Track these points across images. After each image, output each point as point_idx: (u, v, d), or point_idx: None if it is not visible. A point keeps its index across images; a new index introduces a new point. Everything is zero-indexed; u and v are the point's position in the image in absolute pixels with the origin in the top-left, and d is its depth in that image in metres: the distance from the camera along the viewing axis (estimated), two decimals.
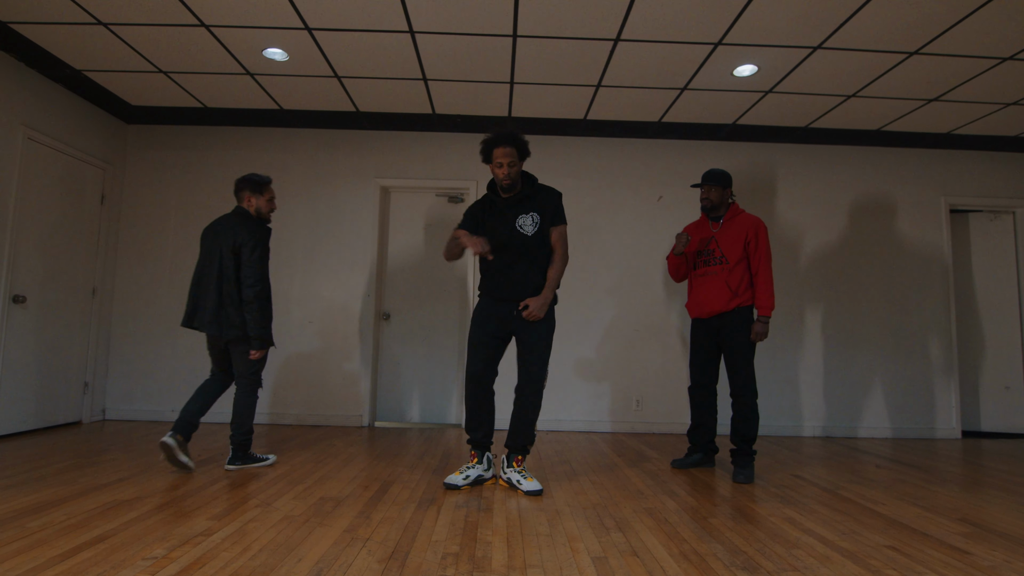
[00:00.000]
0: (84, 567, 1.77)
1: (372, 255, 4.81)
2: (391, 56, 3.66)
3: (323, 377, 4.74)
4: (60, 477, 2.84)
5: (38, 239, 4.00)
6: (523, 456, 2.90)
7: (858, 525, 2.40)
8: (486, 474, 2.94)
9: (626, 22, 3.21)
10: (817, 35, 3.29)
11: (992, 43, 3.31)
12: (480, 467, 2.91)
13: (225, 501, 2.51)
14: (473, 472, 2.88)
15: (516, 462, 2.87)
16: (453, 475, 2.87)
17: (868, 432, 4.75)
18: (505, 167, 2.83)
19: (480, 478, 2.90)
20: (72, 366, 4.36)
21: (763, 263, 3.17)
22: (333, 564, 1.85)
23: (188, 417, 2.97)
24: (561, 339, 4.74)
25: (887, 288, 4.88)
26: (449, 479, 2.84)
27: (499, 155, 2.83)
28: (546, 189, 2.98)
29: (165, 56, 3.72)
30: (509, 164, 2.83)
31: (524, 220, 2.89)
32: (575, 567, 1.87)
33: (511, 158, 2.83)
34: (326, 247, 4.83)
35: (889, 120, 4.47)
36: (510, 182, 2.86)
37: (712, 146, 4.97)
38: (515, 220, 2.89)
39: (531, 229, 2.89)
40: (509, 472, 2.86)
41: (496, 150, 2.84)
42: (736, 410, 3.16)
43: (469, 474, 2.87)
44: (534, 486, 2.77)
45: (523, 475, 2.83)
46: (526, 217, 2.90)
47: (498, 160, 2.84)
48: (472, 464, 2.91)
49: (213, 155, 4.89)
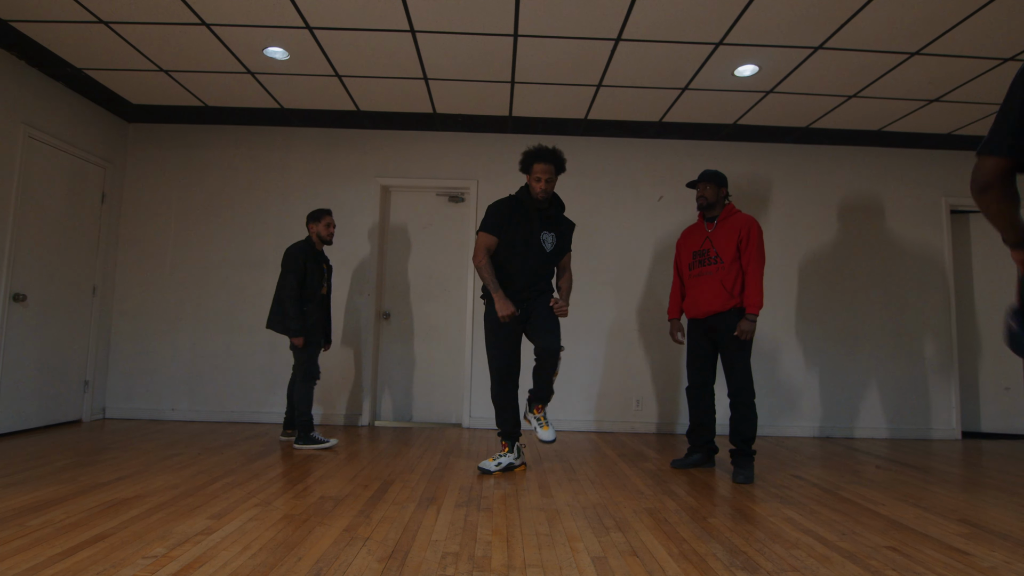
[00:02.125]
0: (84, 565, 1.77)
1: (372, 254, 4.81)
2: (392, 55, 3.66)
3: (323, 376, 4.73)
4: (60, 475, 2.84)
5: (39, 237, 4.00)
6: (543, 404, 3.19)
7: (858, 525, 2.40)
8: (516, 462, 3.20)
9: (627, 22, 3.21)
10: (818, 35, 3.29)
11: (993, 44, 3.31)
12: (511, 455, 3.19)
13: (225, 500, 2.51)
14: (505, 460, 3.17)
15: (537, 409, 3.19)
16: (487, 461, 3.19)
17: (868, 432, 4.75)
18: (543, 182, 3.03)
19: (511, 465, 3.18)
20: (72, 364, 4.36)
21: (753, 261, 3.16)
22: (333, 563, 1.85)
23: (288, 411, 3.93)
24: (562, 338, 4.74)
25: (887, 288, 4.88)
26: (483, 464, 3.16)
27: (539, 170, 3.02)
28: (566, 219, 3.26)
29: (166, 55, 3.72)
30: (547, 180, 3.03)
31: (546, 236, 3.15)
32: (575, 567, 1.88)
33: (549, 175, 3.04)
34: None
35: (890, 120, 4.46)
36: (545, 196, 3.07)
37: (713, 146, 4.97)
38: (540, 232, 3.13)
39: (550, 246, 3.16)
40: (530, 416, 3.21)
41: (537, 165, 3.02)
42: (734, 410, 3.17)
43: (501, 461, 3.16)
44: (548, 435, 3.10)
45: (540, 422, 3.15)
46: (548, 235, 3.15)
47: (537, 175, 3.03)
48: (503, 453, 3.20)
49: (214, 154, 4.89)
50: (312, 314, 3.71)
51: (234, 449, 3.60)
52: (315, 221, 3.81)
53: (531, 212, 3.11)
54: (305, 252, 3.72)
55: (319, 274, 3.77)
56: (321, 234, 3.81)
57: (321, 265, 3.82)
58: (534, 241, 3.10)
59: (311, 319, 3.70)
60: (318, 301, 3.76)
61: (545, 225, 3.14)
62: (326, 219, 3.82)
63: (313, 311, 3.72)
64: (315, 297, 3.73)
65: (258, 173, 4.88)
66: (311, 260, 3.73)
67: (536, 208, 3.10)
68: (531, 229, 3.10)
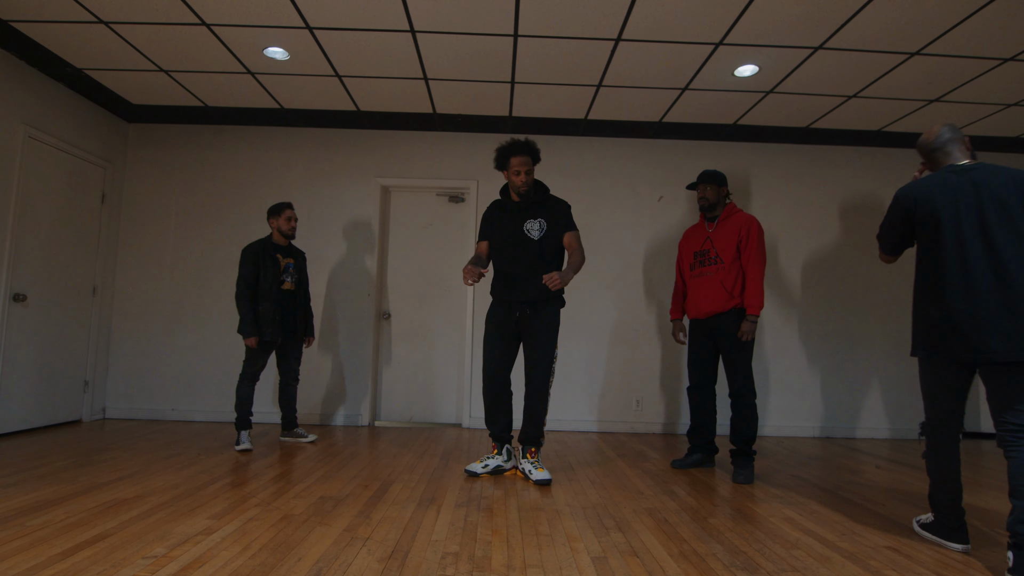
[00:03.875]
0: (84, 565, 1.77)
1: (372, 255, 4.81)
2: (392, 55, 3.66)
3: (323, 376, 4.74)
4: (60, 475, 2.84)
5: (39, 238, 4.00)
6: (536, 448, 3.07)
7: (858, 525, 2.40)
8: (505, 464, 3.15)
9: (627, 22, 3.21)
10: (818, 35, 3.29)
11: (993, 44, 3.31)
12: (500, 458, 3.13)
13: (225, 500, 2.51)
14: (492, 462, 3.12)
15: (530, 453, 3.07)
16: (474, 463, 3.14)
17: (867, 433, 4.75)
18: (523, 175, 3.02)
19: (499, 468, 3.13)
20: (72, 365, 4.36)
21: (753, 261, 3.15)
22: (333, 563, 1.85)
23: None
24: (562, 339, 4.75)
25: (887, 288, 4.88)
26: (470, 467, 3.11)
27: (516, 163, 3.01)
28: (555, 199, 3.16)
29: (166, 55, 3.72)
30: (527, 172, 3.02)
31: (531, 225, 3.07)
32: (575, 567, 1.88)
33: (528, 166, 3.02)
34: (326, 246, 4.83)
35: (890, 120, 4.46)
36: (526, 188, 3.04)
37: (713, 146, 4.97)
38: (523, 224, 3.07)
39: (537, 234, 3.06)
40: (523, 462, 3.07)
41: (513, 159, 3.02)
42: (735, 411, 3.16)
43: (488, 463, 3.11)
44: (543, 476, 2.94)
45: (534, 465, 3.01)
46: (534, 222, 3.07)
47: (515, 168, 3.02)
48: (492, 455, 3.14)
49: (214, 154, 4.89)
50: (268, 312, 3.64)
51: (234, 449, 3.60)
52: (275, 216, 3.78)
53: (510, 205, 3.13)
54: (257, 249, 3.69)
55: (275, 270, 3.71)
56: (282, 228, 3.78)
57: (278, 260, 3.74)
58: (519, 232, 3.06)
59: (267, 316, 3.63)
60: (275, 297, 3.68)
61: (529, 214, 3.08)
62: (287, 212, 3.78)
63: (268, 308, 3.65)
64: (270, 294, 3.66)
65: (258, 173, 4.88)
66: (265, 256, 3.69)
67: (518, 202, 3.11)
68: (513, 222, 3.09)
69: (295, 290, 3.87)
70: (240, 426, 3.65)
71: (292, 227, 3.81)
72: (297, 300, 3.88)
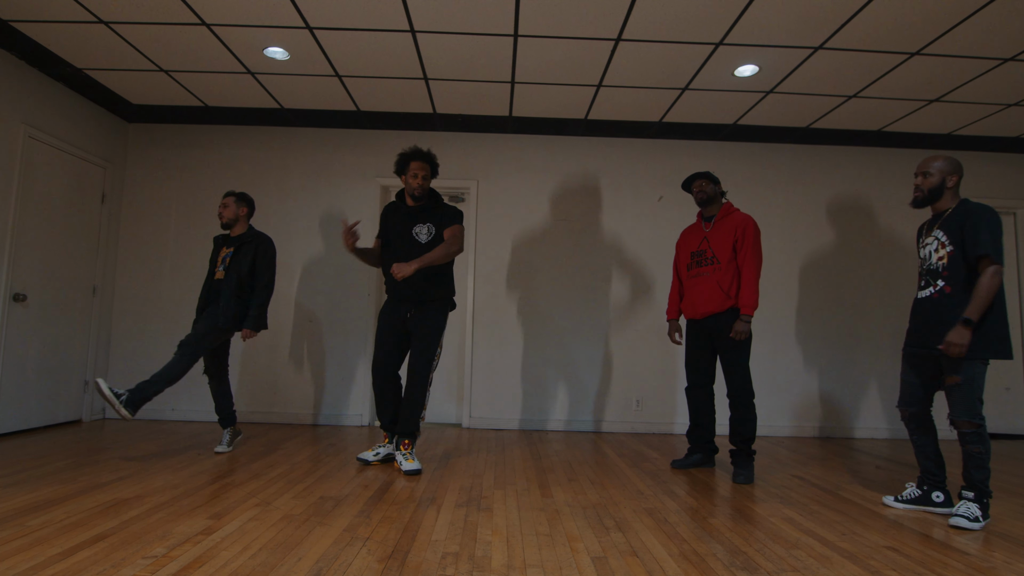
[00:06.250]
0: (84, 565, 1.77)
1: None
2: (392, 55, 3.66)
3: (323, 376, 4.74)
4: (60, 475, 2.84)
5: (39, 237, 4.00)
6: (410, 441, 3.19)
7: (858, 525, 2.40)
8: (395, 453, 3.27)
9: (627, 22, 3.21)
10: (818, 35, 3.29)
11: (993, 44, 3.31)
12: (390, 446, 3.30)
13: (225, 500, 2.51)
14: (383, 451, 3.29)
15: (403, 445, 3.17)
16: (366, 452, 3.32)
17: (867, 432, 4.75)
18: (420, 179, 3.21)
19: (390, 455, 3.31)
20: (73, 364, 4.36)
21: (749, 261, 3.14)
22: (333, 563, 1.85)
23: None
24: (562, 339, 4.75)
25: (887, 288, 4.88)
26: (361, 455, 3.28)
27: (415, 168, 3.20)
28: (448, 206, 3.31)
29: (166, 55, 3.72)
30: (423, 177, 3.21)
31: (420, 229, 3.24)
32: (575, 567, 1.88)
33: (425, 171, 3.22)
34: (326, 246, 4.83)
35: (890, 120, 4.46)
36: (421, 192, 3.22)
37: (713, 146, 4.97)
38: (412, 227, 3.23)
39: (425, 237, 3.23)
40: (396, 452, 3.19)
41: (413, 163, 3.21)
42: (734, 411, 3.16)
43: (379, 452, 3.29)
44: (412, 467, 3.07)
45: (405, 456, 3.13)
46: (422, 227, 3.24)
47: (413, 171, 3.20)
48: (384, 444, 3.31)
49: (214, 154, 4.89)
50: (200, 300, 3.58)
51: (234, 449, 3.60)
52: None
53: (403, 209, 3.28)
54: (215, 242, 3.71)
55: (214, 261, 3.65)
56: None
57: (220, 251, 3.64)
58: (408, 235, 3.21)
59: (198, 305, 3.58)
60: (206, 286, 3.59)
61: (420, 219, 3.23)
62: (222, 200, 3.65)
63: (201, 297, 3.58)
64: (205, 284, 3.61)
65: (258, 173, 4.88)
66: (215, 248, 3.68)
67: (412, 206, 3.25)
68: (404, 225, 3.24)
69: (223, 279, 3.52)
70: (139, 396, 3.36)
71: (220, 214, 3.59)
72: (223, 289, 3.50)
